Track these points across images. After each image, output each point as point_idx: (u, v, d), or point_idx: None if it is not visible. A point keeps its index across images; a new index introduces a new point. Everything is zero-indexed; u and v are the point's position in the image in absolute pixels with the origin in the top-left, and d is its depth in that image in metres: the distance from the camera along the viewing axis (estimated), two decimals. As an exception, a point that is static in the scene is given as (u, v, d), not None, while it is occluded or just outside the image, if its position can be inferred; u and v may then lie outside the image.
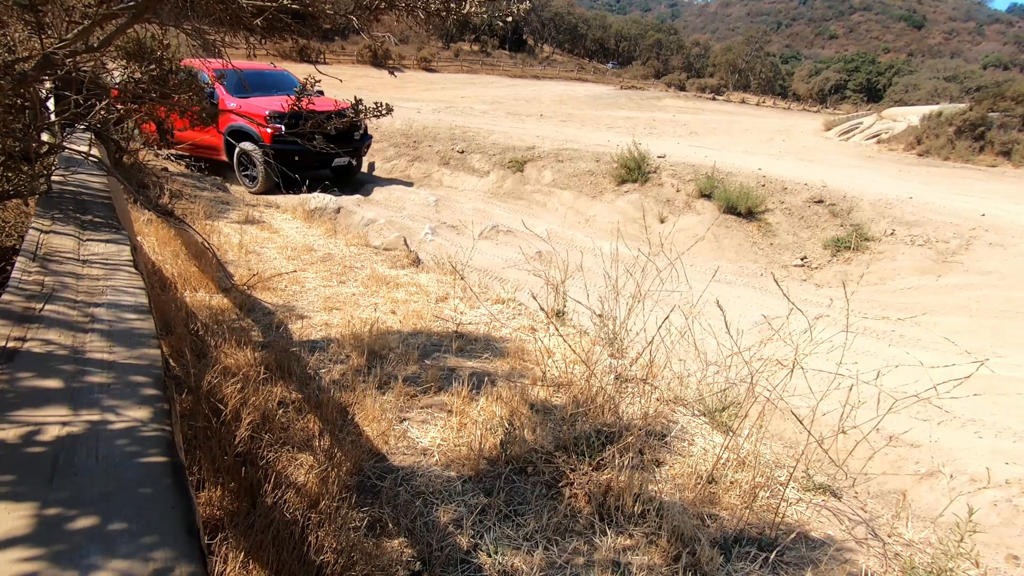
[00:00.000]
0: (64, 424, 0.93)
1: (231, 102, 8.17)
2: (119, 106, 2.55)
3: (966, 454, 2.77)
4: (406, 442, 2.27)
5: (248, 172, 8.54)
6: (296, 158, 7.96)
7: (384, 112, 2.21)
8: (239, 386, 2.25)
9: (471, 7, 1.71)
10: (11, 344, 1.15)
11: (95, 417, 0.96)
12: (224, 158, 8.76)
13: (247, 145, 8.27)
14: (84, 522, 0.74)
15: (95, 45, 1.82)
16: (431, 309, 3.63)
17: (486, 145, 11.12)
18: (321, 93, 10.09)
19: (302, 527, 1.66)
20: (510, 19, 1.83)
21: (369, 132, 9.87)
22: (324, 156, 8.36)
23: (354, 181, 9.93)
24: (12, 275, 1.47)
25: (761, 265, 7.08)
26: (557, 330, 2.56)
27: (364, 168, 10.58)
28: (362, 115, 2.25)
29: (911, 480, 2.53)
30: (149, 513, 0.77)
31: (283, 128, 7.41)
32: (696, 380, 2.75)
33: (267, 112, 7.71)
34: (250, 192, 8.32)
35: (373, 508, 1.88)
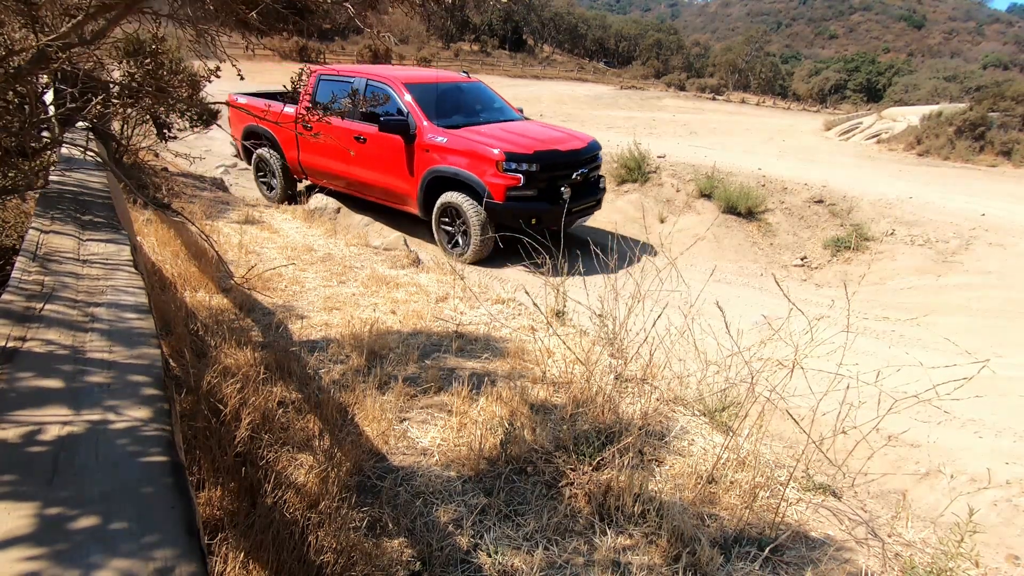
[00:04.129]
0: (64, 424, 0.93)
1: (438, 135, 5.65)
2: (116, 101, 2.55)
3: (966, 454, 2.77)
4: (406, 442, 2.27)
5: (455, 236, 5.79)
6: (534, 220, 5.38)
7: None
8: (239, 386, 2.25)
9: (466, -7, 1.71)
10: (11, 344, 1.15)
11: (95, 417, 0.96)
12: (415, 210, 6.07)
13: (458, 199, 5.58)
14: (84, 522, 0.74)
15: (90, 38, 1.81)
16: (431, 309, 3.62)
17: (486, 145, 11.10)
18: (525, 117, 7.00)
19: (302, 527, 1.66)
20: (504, 1, 1.83)
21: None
22: (569, 216, 5.64)
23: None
24: (12, 275, 1.47)
25: (761, 265, 7.08)
26: (555, 331, 2.56)
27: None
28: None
29: (911, 480, 2.53)
30: (149, 513, 0.77)
31: (522, 178, 5.31)
32: (696, 380, 2.75)
33: (502, 152, 5.31)
34: (457, 260, 5.70)
35: (373, 508, 1.88)
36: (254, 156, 7.41)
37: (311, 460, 1.98)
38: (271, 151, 7.13)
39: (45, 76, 2.54)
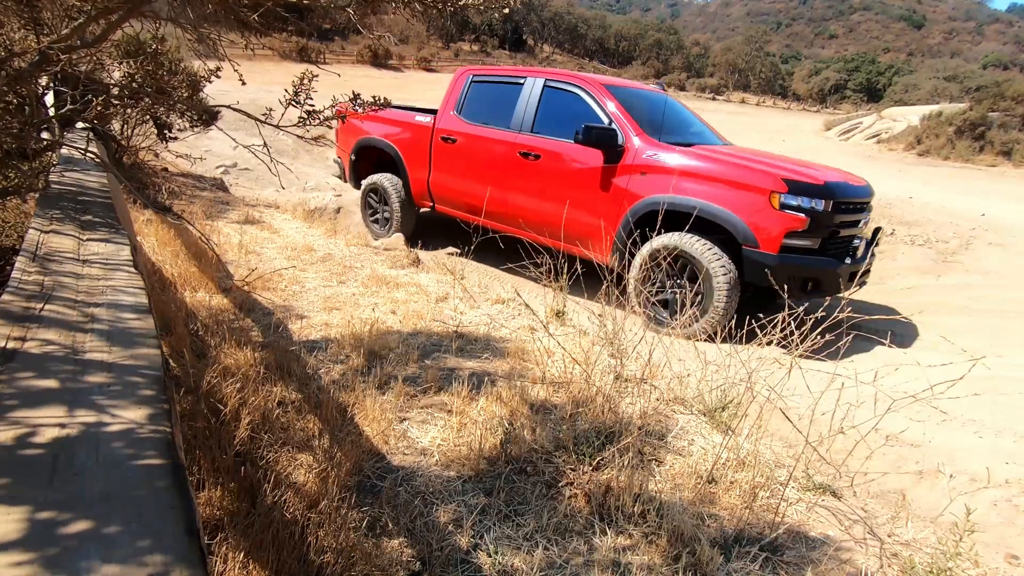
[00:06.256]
0: (64, 424, 0.93)
1: (660, 151, 4.19)
2: (116, 102, 2.55)
3: (966, 454, 2.77)
4: (406, 442, 2.27)
5: (674, 301, 3.89)
6: (810, 284, 3.83)
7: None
8: (239, 386, 2.25)
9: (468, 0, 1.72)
10: (11, 344, 1.15)
11: (95, 417, 0.96)
12: (601, 257, 4.05)
13: (695, 246, 3.80)
14: (84, 523, 0.74)
15: (91, 40, 1.82)
16: (431, 309, 3.63)
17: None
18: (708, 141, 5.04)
19: (302, 527, 1.66)
20: (506, 10, 1.84)
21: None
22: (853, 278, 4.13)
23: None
24: (12, 275, 1.47)
25: (761, 265, 7.08)
26: (551, 335, 2.56)
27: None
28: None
29: (911, 480, 2.53)
30: (149, 513, 0.77)
31: (808, 220, 3.65)
32: (695, 380, 2.75)
33: (780, 180, 3.74)
34: (684, 334, 3.58)
35: (373, 508, 1.88)
36: (366, 182, 5.98)
37: (311, 460, 1.99)
38: (391, 176, 5.83)
39: (45, 77, 2.54)
